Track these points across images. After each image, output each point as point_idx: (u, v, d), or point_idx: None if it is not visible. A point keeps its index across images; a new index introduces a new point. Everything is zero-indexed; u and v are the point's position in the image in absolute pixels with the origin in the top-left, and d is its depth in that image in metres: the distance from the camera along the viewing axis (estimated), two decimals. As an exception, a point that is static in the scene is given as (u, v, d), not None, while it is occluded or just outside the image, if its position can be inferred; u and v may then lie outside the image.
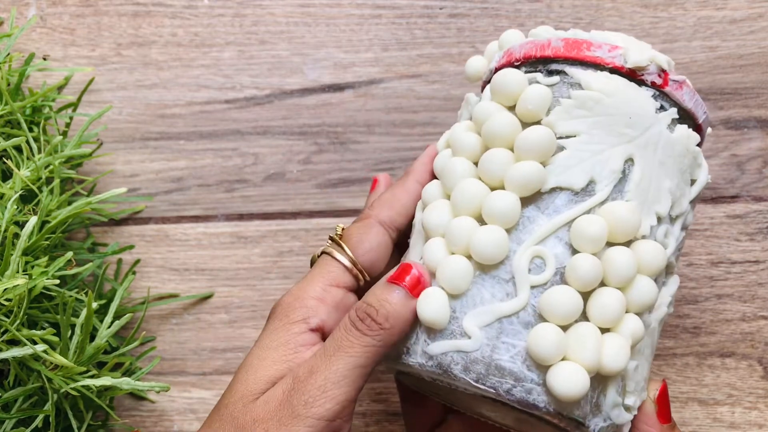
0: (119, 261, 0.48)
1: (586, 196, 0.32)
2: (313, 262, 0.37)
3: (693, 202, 0.35)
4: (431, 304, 0.32)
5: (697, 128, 0.35)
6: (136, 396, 0.47)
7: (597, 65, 0.34)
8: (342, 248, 0.35)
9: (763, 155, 0.47)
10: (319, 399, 0.30)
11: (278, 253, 0.48)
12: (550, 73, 0.34)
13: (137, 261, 0.48)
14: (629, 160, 0.32)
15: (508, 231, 0.32)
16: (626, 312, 0.31)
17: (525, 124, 0.33)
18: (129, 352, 0.45)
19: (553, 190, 0.32)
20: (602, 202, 0.32)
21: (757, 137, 0.47)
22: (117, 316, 0.42)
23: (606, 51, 0.34)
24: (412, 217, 0.36)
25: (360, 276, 0.35)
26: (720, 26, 0.48)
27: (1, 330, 0.37)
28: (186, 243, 0.48)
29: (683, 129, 0.34)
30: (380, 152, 0.48)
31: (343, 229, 0.36)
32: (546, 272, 0.31)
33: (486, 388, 0.31)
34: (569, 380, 0.29)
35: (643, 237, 0.32)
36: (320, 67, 0.48)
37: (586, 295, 0.31)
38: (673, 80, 0.34)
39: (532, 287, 0.31)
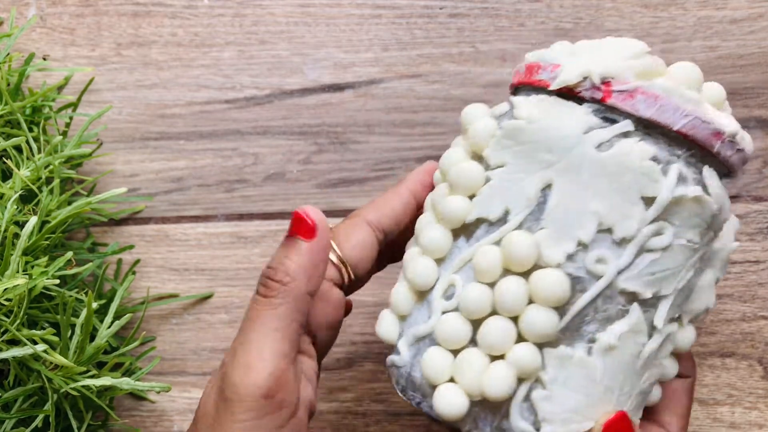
0: (119, 261, 0.48)
1: (500, 225, 0.33)
2: None
3: (661, 221, 0.32)
4: (382, 326, 0.36)
5: (683, 135, 0.32)
6: (136, 396, 0.47)
7: (543, 88, 0.33)
8: (336, 251, 0.36)
9: (763, 155, 0.47)
10: (247, 379, 0.30)
11: (278, 253, 0.48)
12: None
13: (137, 261, 0.48)
14: (548, 187, 0.32)
15: (442, 260, 0.34)
16: (525, 341, 0.32)
17: (476, 157, 0.35)
18: (129, 352, 0.45)
19: (477, 220, 0.33)
20: (511, 231, 0.32)
21: (757, 137, 0.47)
22: (117, 316, 0.42)
23: (549, 72, 0.33)
24: (401, 222, 0.37)
25: (346, 271, 0.36)
26: (720, 26, 0.48)
27: (1, 330, 0.37)
28: (186, 243, 0.48)
29: (624, 144, 0.31)
30: (380, 152, 0.48)
31: (331, 228, 0.37)
32: (453, 299, 0.33)
33: (406, 399, 0.35)
34: (447, 401, 0.32)
35: (558, 265, 0.31)
36: (320, 67, 0.48)
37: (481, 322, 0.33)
38: (619, 90, 0.31)
39: (443, 312, 0.33)
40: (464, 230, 0.34)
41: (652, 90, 0.31)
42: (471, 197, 0.34)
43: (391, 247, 0.38)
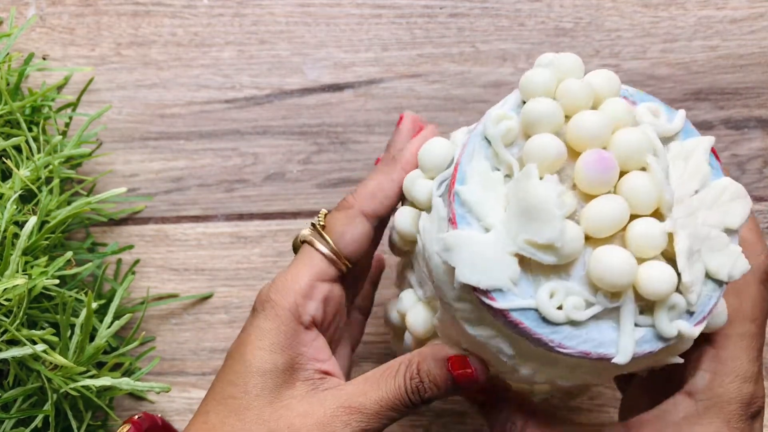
0: (119, 261, 0.48)
1: (414, 290, 0.36)
2: (295, 246, 0.37)
3: None
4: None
5: None
6: (136, 396, 0.47)
7: None
8: (325, 239, 0.35)
9: (764, 155, 0.47)
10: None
11: (278, 253, 0.48)
12: None
13: (137, 261, 0.47)
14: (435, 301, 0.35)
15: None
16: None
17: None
18: (129, 352, 0.45)
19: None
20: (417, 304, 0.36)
21: (757, 137, 0.47)
22: (117, 316, 0.42)
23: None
24: (395, 206, 0.37)
25: (342, 262, 0.36)
26: (720, 26, 0.48)
27: (1, 330, 0.37)
28: (186, 243, 0.48)
29: (484, 332, 0.31)
30: (380, 152, 0.48)
31: (326, 215, 0.36)
32: None
33: None
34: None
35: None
36: (320, 67, 0.48)
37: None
38: (485, 303, 0.29)
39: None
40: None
41: (513, 316, 0.29)
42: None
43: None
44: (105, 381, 0.39)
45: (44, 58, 0.48)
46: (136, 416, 0.37)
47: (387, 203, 0.36)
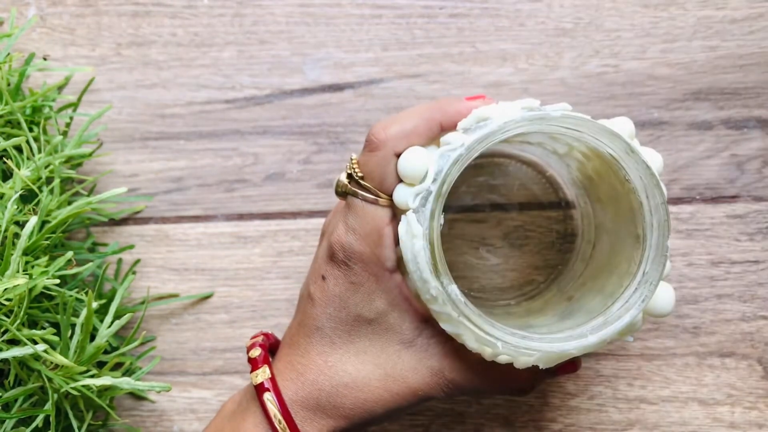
0: (119, 261, 0.48)
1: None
2: (338, 188, 0.38)
3: None
4: None
5: None
6: (136, 396, 0.47)
7: None
8: (376, 192, 0.37)
9: (763, 155, 0.47)
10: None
11: (278, 253, 0.48)
12: None
13: (137, 261, 0.48)
14: None
15: None
16: None
17: None
18: (129, 352, 0.45)
19: None
20: None
21: (757, 137, 0.47)
22: (117, 316, 0.42)
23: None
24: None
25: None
26: (720, 26, 0.48)
27: (2, 330, 0.37)
28: (186, 243, 0.48)
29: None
30: (380, 152, 0.48)
31: (357, 163, 0.38)
32: None
33: None
34: None
35: None
36: (320, 67, 0.48)
37: None
38: None
39: None
40: None
41: None
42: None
43: None
44: (106, 381, 0.39)
45: (45, 59, 0.48)
46: (260, 339, 0.40)
47: (416, 142, 0.37)
